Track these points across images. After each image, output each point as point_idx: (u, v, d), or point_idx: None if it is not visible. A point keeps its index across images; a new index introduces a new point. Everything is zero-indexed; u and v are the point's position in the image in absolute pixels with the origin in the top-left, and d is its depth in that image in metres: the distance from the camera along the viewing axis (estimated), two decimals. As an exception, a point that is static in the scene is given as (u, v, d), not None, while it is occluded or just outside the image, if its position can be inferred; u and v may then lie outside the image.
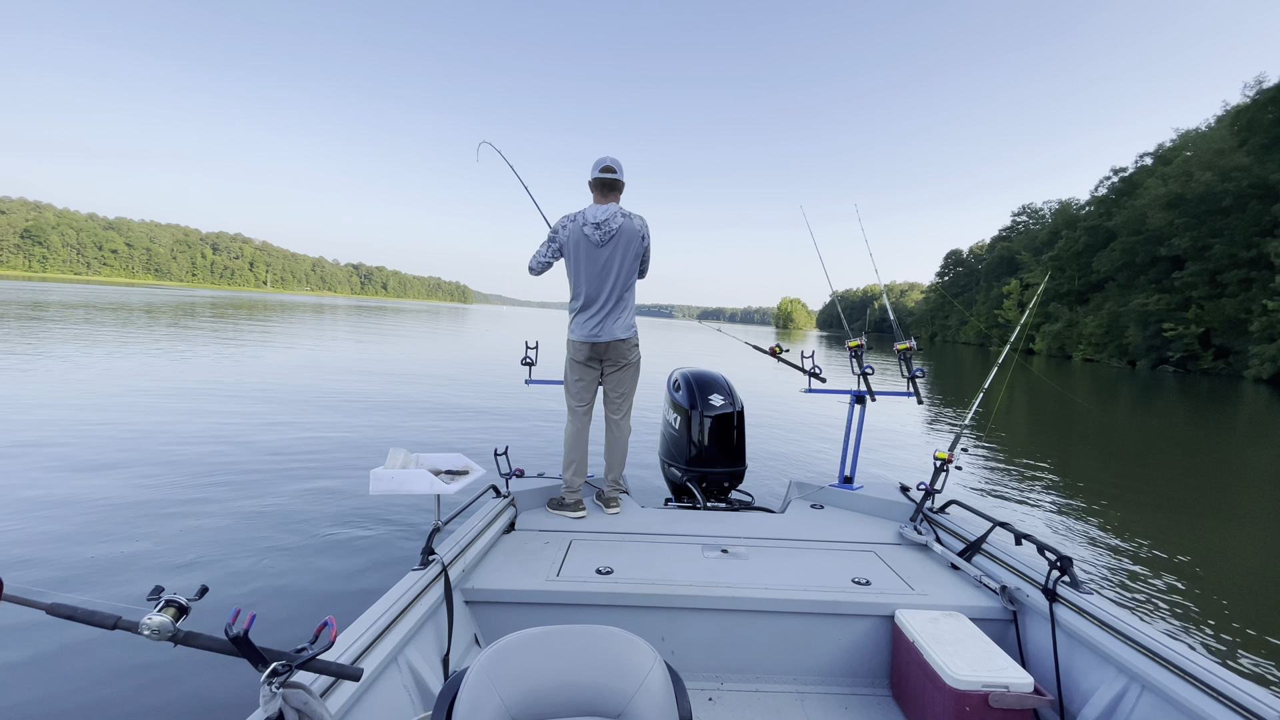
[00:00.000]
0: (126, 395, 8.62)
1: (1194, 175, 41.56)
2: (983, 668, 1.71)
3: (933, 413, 12.36)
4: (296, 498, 4.80)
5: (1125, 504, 6.26)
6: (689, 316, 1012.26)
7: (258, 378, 11.25)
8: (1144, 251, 45.88)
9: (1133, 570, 4.42)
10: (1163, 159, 50.32)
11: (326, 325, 31.90)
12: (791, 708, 2.00)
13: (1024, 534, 2.13)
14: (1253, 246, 37.07)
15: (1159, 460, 9.29)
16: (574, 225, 2.84)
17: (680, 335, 46.51)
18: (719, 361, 16.34)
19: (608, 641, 1.07)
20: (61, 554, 3.59)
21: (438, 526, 2.03)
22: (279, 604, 3.18)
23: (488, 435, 7.59)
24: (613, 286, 2.89)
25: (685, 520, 2.91)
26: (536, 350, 3.35)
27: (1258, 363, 33.55)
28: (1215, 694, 1.42)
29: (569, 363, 3.01)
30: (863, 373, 3.37)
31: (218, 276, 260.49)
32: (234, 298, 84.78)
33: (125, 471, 5.20)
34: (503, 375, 13.88)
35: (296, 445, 6.42)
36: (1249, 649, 3.34)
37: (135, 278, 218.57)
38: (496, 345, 25.15)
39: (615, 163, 2.89)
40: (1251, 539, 5.50)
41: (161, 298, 56.95)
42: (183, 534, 3.98)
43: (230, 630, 1.01)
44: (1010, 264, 77.48)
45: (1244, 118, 43.27)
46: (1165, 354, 41.89)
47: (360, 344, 21.04)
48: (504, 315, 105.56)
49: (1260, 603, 4.03)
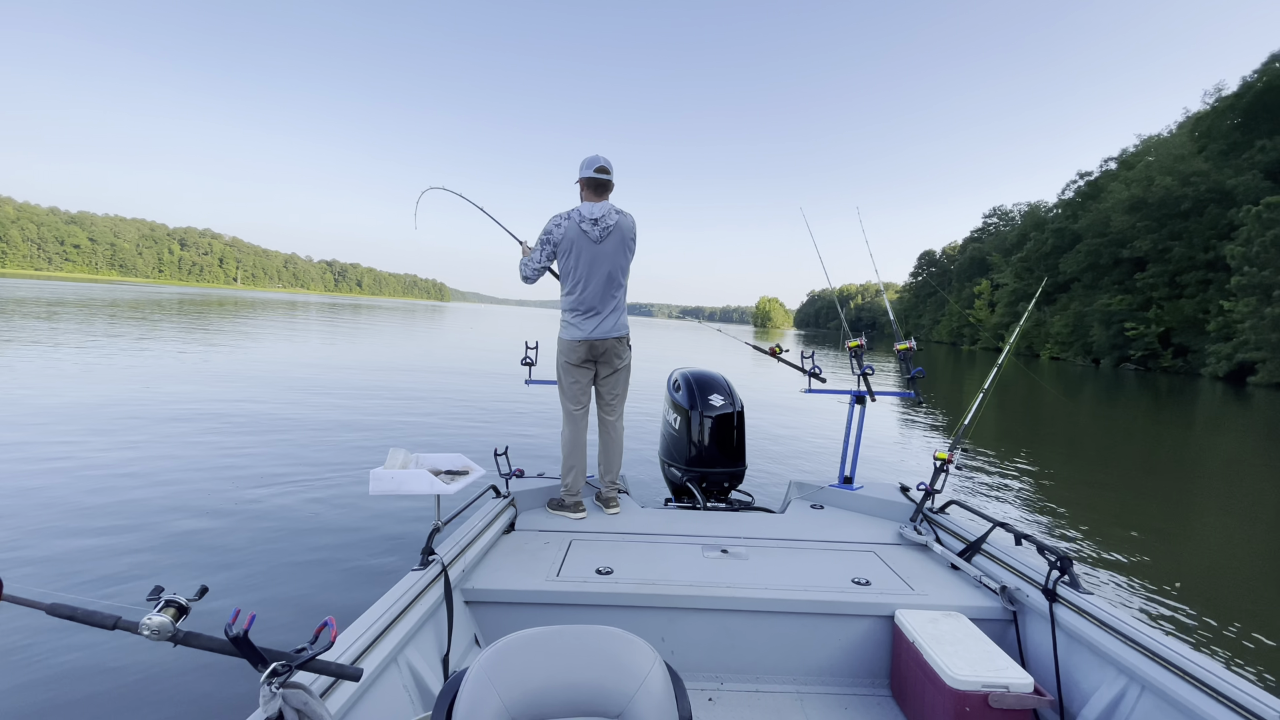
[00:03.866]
0: (125, 395, 8.50)
1: (1155, 180, 43.07)
2: (983, 668, 1.71)
3: (903, 409, 12.60)
4: (296, 498, 4.77)
5: (1108, 489, 6.51)
6: (669, 315, 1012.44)
7: (257, 378, 11.12)
8: (1108, 253, 47.36)
9: (1118, 553, 4.61)
10: (1126, 164, 52.00)
11: (315, 324, 31.34)
12: (791, 708, 2.00)
13: (1024, 534, 2.14)
14: (1210, 249, 38.56)
15: (1121, 453, 9.63)
16: (569, 222, 2.77)
17: (675, 335, 46.42)
18: (707, 361, 16.38)
19: (608, 642, 1.07)
20: (61, 555, 3.57)
21: (438, 527, 2.01)
22: (279, 604, 3.17)
23: (488, 435, 7.57)
24: (609, 284, 2.85)
25: (685, 520, 2.90)
26: (536, 350, 3.31)
27: (1214, 361, 34.94)
28: (1215, 694, 1.42)
29: (563, 366, 2.93)
30: (863, 373, 3.37)
31: (185, 273, 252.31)
32: (203, 294, 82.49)
33: (125, 472, 5.15)
34: (502, 375, 13.79)
35: (296, 445, 6.37)
36: (1229, 629, 3.50)
37: (99, 274, 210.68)
38: (496, 345, 24.96)
39: (608, 162, 2.83)
40: (1217, 525, 5.79)
41: (131, 294, 55.18)
42: (183, 534, 3.96)
43: (230, 630, 1.00)
44: (981, 264, 79.23)
45: (1204, 124, 45.02)
46: (1128, 352, 43.35)
47: (352, 344, 20.74)
48: (482, 313, 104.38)
49: (1232, 579, 4.25)
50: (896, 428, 10.45)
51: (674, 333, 54.53)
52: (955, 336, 78.77)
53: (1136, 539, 5.16)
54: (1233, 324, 33.91)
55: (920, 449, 8.79)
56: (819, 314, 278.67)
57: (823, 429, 9.49)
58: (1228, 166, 39.83)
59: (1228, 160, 40.55)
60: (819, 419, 10.33)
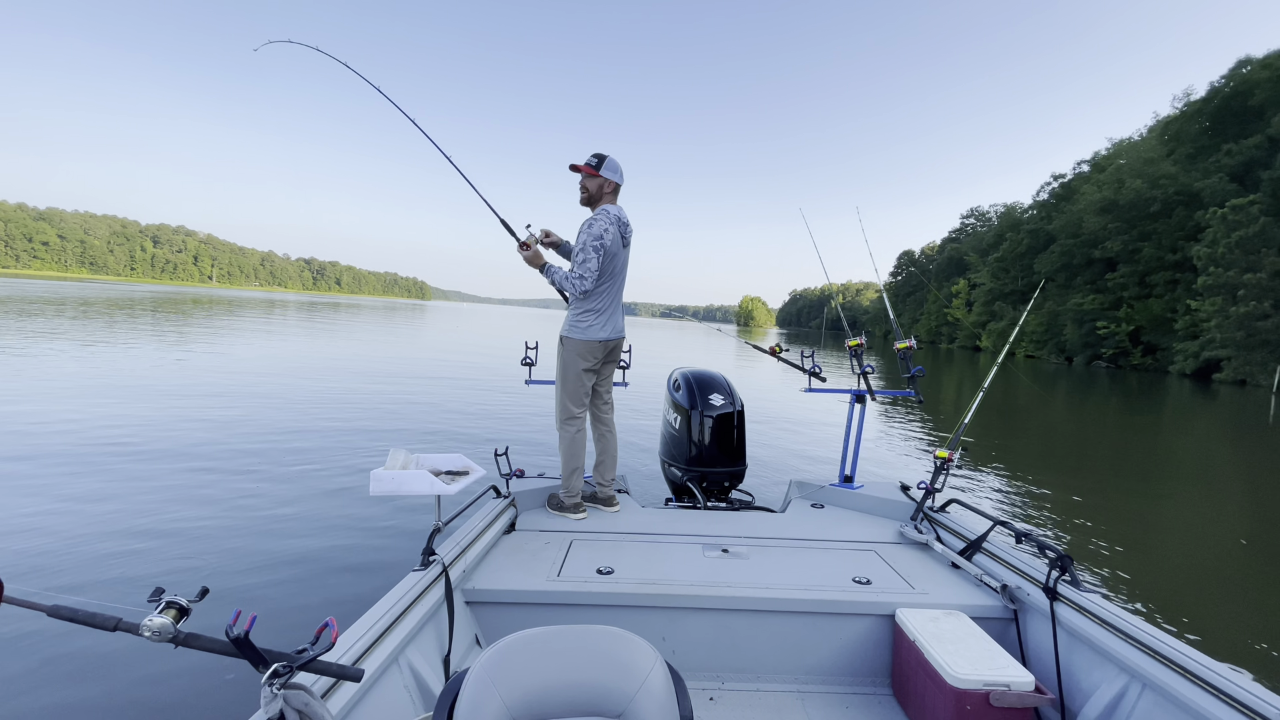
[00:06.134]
0: (123, 396, 8.38)
1: (1125, 182, 44.13)
2: (984, 666, 1.71)
3: (886, 408, 12.78)
4: (297, 499, 4.74)
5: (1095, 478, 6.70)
6: (653, 314, 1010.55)
7: (256, 378, 10.98)
8: (1080, 254, 48.43)
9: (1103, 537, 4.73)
10: (1098, 166, 53.22)
11: (301, 323, 30.83)
12: (792, 707, 2.00)
13: (1024, 533, 2.14)
14: (1178, 250, 39.65)
15: (1096, 449, 9.89)
16: (614, 227, 2.70)
17: (673, 336, 46.31)
18: (691, 359, 16.33)
19: (608, 641, 1.08)
20: (62, 556, 3.55)
21: (438, 527, 2.01)
22: (280, 605, 3.15)
23: (488, 435, 7.54)
24: (622, 285, 2.87)
25: (685, 520, 2.90)
26: (536, 350, 3.30)
27: (1181, 358, 35.98)
28: (1216, 692, 1.42)
29: (575, 370, 2.82)
30: (863, 372, 3.37)
31: (159, 270, 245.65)
32: (177, 292, 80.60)
33: (125, 473, 5.11)
34: (502, 375, 13.73)
35: (296, 447, 6.32)
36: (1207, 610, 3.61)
37: (68, 271, 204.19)
38: (492, 345, 24.80)
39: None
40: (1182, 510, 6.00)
41: (103, 292, 53.80)
42: (183, 536, 3.94)
43: (231, 631, 1.00)
44: (959, 264, 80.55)
45: (1173, 128, 46.22)
46: (1099, 350, 44.46)
47: (344, 343, 20.51)
48: (465, 312, 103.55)
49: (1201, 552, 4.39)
50: (881, 425, 10.60)
51: (673, 333, 54.47)
52: (934, 335, 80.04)
53: (1130, 535, 5.30)
54: (1199, 323, 34.90)
55: (901, 445, 8.92)
56: (800, 313, 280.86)
57: (821, 428, 9.56)
58: (1195, 169, 40.95)
59: (1195, 163, 41.70)
60: (811, 415, 10.43)
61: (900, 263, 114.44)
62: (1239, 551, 5.13)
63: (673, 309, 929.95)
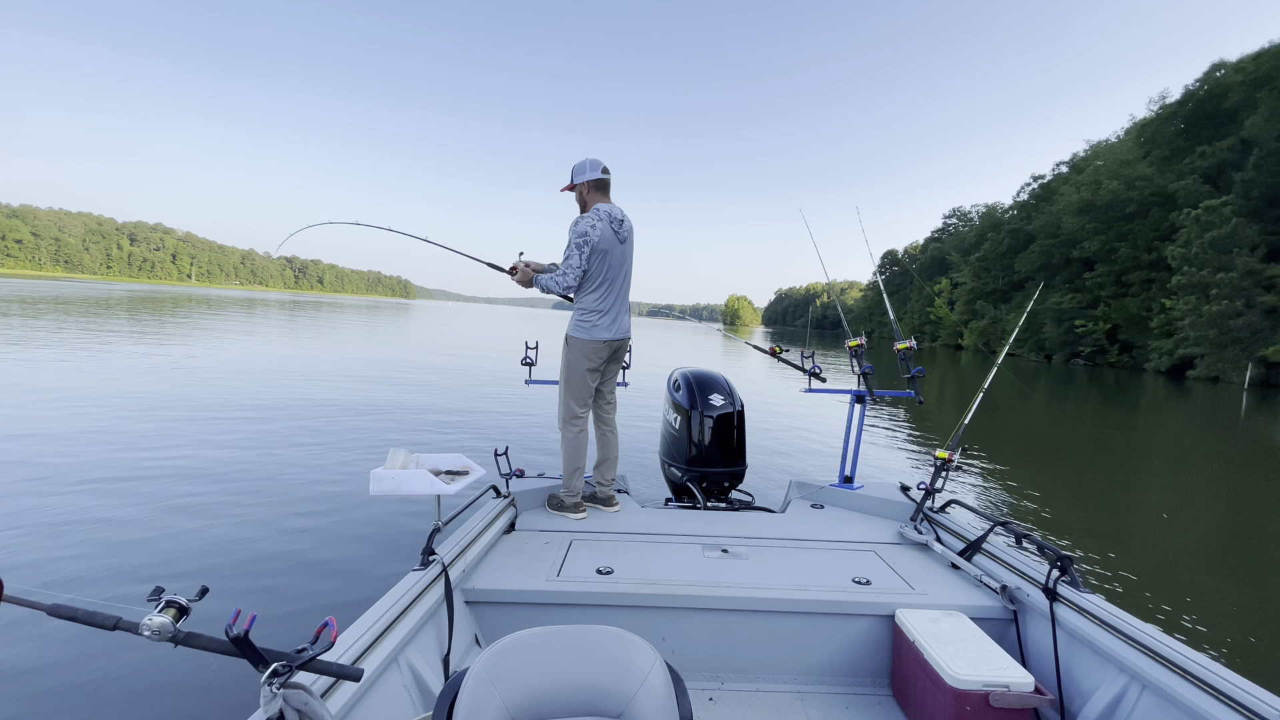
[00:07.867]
0: (123, 395, 8.31)
1: (1103, 183, 45.01)
2: (983, 667, 1.71)
3: (885, 408, 12.89)
4: (297, 499, 4.72)
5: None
6: (639, 313, 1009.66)
7: (254, 378, 10.87)
8: (1059, 253, 49.30)
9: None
10: (1076, 167, 54.20)
11: (289, 322, 30.55)
12: (792, 707, 1.99)
13: (1024, 533, 2.14)
14: (1153, 250, 40.50)
15: (1076, 442, 10.13)
16: (603, 224, 2.70)
17: (671, 335, 46.18)
18: (681, 357, 16.38)
19: (608, 641, 1.08)
20: (62, 555, 3.54)
21: (438, 527, 2.00)
22: (279, 605, 3.14)
23: (488, 435, 7.52)
24: (626, 283, 2.86)
25: (685, 520, 2.90)
26: (536, 350, 3.29)
27: (1157, 356, 36.76)
28: (1216, 693, 1.41)
29: (580, 370, 2.81)
30: (863, 372, 3.37)
31: (136, 269, 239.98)
32: (155, 291, 78.95)
33: (125, 473, 5.09)
34: (502, 375, 13.68)
35: (295, 446, 6.29)
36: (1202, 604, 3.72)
37: (42, 270, 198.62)
38: (489, 344, 24.63)
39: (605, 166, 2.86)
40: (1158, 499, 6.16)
41: (82, 292, 52.58)
42: (183, 535, 3.93)
43: (231, 631, 1.00)
44: (942, 264, 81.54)
45: (1148, 130, 47.21)
46: (1077, 349, 45.27)
47: (337, 342, 20.37)
48: (450, 311, 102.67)
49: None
50: (882, 425, 10.68)
51: (666, 332, 54.34)
52: (917, 334, 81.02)
53: (1124, 530, 5.43)
54: (1173, 321, 35.64)
55: (888, 442, 9.00)
56: (785, 312, 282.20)
57: (820, 427, 9.61)
58: (1170, 171, 41.87)
59: (1170, 165, 42.64)
60: (816, 418, 10.49)
61: (884, 262, 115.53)
62: (1211, 536, 5.33)
63: (660, 308, 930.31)
